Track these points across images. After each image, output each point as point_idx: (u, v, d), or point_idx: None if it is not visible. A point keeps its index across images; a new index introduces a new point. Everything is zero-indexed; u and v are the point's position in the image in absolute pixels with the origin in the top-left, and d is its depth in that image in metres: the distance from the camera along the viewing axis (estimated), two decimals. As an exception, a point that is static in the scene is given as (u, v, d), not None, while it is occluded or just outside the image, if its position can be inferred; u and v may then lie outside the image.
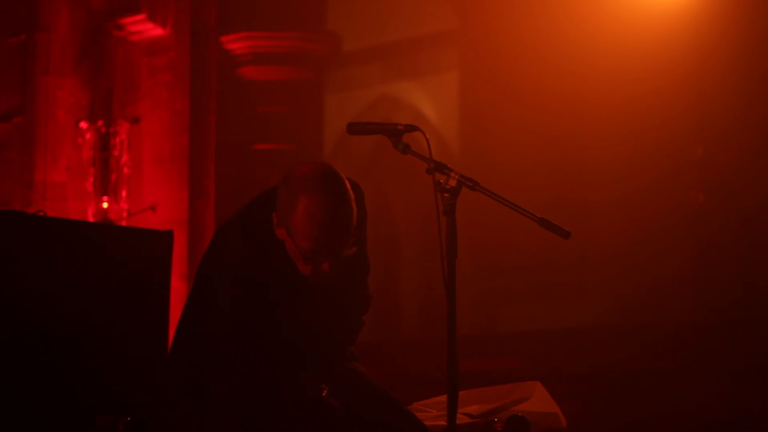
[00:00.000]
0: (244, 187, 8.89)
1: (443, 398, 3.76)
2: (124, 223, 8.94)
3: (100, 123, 9.26)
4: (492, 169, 8.20)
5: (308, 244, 3.50)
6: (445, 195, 3.51)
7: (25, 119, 9.30)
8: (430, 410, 4.34)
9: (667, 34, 7.82)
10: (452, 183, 3.51)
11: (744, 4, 7.70)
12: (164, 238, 4.79)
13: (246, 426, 3.51)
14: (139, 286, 4.67)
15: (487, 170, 8.00)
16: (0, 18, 9.50)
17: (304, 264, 3.54)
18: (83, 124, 9.25)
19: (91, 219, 9.05)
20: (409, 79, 9.63)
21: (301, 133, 9.39)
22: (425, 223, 9.00)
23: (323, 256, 3.52)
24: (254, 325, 3.54)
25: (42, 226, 4.53)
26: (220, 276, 3.60)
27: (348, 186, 3.54)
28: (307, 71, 9.48)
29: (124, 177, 9.21)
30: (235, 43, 9.41)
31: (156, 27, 9.30)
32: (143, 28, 9.33)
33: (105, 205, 9.15)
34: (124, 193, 9.19)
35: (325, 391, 3.53)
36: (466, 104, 9.23)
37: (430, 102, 9.56)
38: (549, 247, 8.13)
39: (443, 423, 3.73)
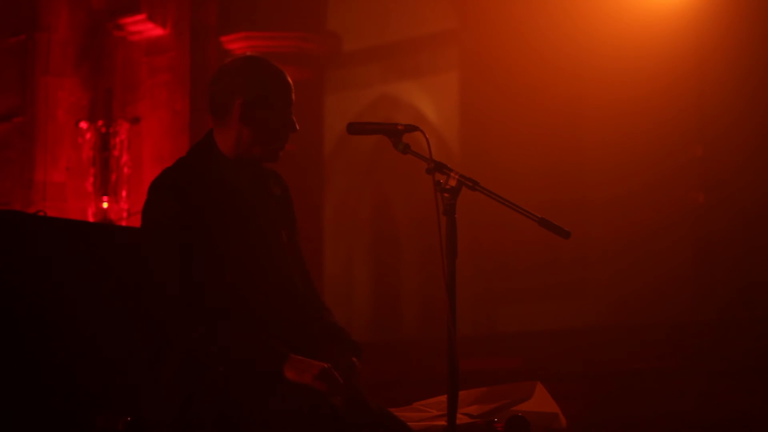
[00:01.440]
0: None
1: (443, 398, 3.75)
2: (124, 223, 8.94)
3: (100, 123, 9.26)
4: (492, 169, 8.20)
5: (286, 91, 3.74)
6: (445, 195, 3.51)
7: (25, 119, 9.30)
8: (430, 410, 4.34)
9: (667, 34, 7.82)
10: (452, 183, 3.51)
11: (744, 4, 7.70)
12: (164, 238, 4.78)
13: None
14: (138, 286, 4.66)
15: (487, 170, 8.01)
16: (0, 18, 9.50)
17: (288, 115, 3.74)
18: (83, 124, 9.25)
19: (91, 219, 9.04)
20: (409, 79, 9.63)
21: (300, 133, 9.34)
22: (425, 223, 8.99)
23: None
24: (193, 252, 3.56)
25: (42, 226, 4.53)
26: (151, 190, 3.65)
27: None
28: (307, 71, 9.48)
29: (124, 177, 9.21)
30: (235, 43, 9.41)
31: (156, 27, 9.30)
32: (143, 28, 9.33)
33: (105, 205, 9.15)
34: (124, 193, 9.19)
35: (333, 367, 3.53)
36: (466, 104, 9.23)
37: (430, 102, 9.56)
38: (549, 247, 8.13)
39: (443, 423, 3.73)
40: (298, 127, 3.81)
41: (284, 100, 3.74)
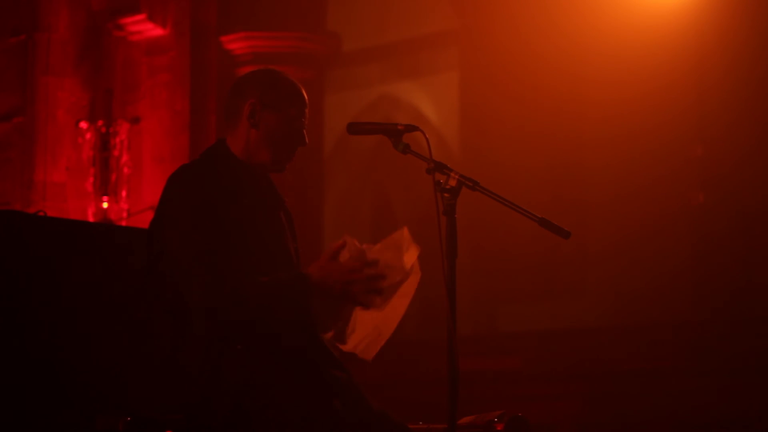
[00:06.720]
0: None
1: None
2: (124, 223, 8.94)
3: (100, 123, 9.25)
4: (492, 169, 8.19)
5: (300, 102, 3.79)
6: (445, 195, 3.52)
7: (25, 119, 9.30)
8: None
9: (667, 34, 7.82)
10: (452, 183, 3.52)
11: (744, 4, 7.70)
12: (164, 238, 4.77)
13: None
14: (138, 286, 4.66)
15: (487, 170, 8.00)
16: (0, 18, 9.49)
17: (299, 127, 3.77)
18: (83, 124, 9.25)
19: (91, 219, 9.04)
20: (409, 79, 9.63)
21: (301, 133, 9.37)
22: (425, 223, 8.98)
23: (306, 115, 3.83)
24: (218, 238, 3.54)
25: (42, 226, 4.53)
26: (173, 180, 3.64)
27: None
28: (307, 71, 9.47)
29: (124, 177, 9.20)
30: (235, 43, 9.41)
31: (156, 27, 9.30)
32: (143, 28, 9.33)
33: (105, 205, 9.15)
34: (124, 193, 9.18)
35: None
36: (466, 104, 9.22)
37: (430, 102, 9.55)
38: (549, 247, 8.12)
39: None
40: (307, 141, 3.82)
41: (295, 109, 3.77)
